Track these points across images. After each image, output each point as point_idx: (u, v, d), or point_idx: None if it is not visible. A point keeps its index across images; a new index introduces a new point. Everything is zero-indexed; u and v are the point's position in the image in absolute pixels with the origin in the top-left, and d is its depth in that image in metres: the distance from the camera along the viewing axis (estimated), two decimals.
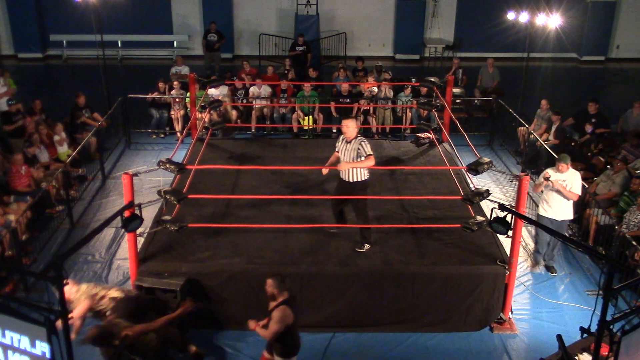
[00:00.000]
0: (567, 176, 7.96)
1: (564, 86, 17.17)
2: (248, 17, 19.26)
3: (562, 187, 7.91)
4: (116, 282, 8.21)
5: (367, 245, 7.54)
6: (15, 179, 9.60)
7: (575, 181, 7.94)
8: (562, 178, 7.95)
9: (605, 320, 4.59)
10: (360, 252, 7.48)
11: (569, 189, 7.93)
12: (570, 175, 7.96)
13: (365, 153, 7.14)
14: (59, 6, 17.99)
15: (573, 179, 7.94)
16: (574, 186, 7.93)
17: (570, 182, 7.92)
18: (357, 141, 7.22)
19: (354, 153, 7.21)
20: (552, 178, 7.95)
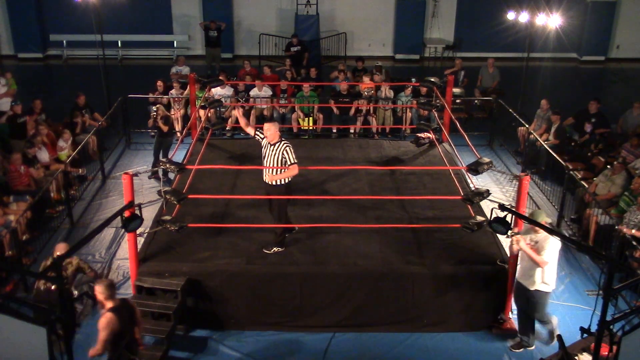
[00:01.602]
0: (539, 237, 6.71)
1: (564, 86, 17.17)
2: (248, 17, 19.26)
3: (527, 249, 6.66)
4: (116, 282, 8.20)
5: (276, 248, 7.47)
6: (15, 179, 9.60)
7: (546, 244, 6.62)
8: (534, 239, 6.74)
9: (605, 320, 4.60)
10: (267, 252, 7.41)
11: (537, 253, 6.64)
12: (543, 237, 6.68)
13: (290, 161, 7.14)
14: (59, 6, 18.00)
15: (545, 243, 6.65)
16: (542, 251, 6.62)
17: (541, 246, 6.66)
18: (282, 147, 7.17)
19: (278, 158, 7.18)
20: (523, 236, 6.80)
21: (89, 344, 7.04)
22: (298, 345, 7.17)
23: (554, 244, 6.61)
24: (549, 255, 6.60)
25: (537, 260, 6.56)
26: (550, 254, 6.62)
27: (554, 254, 6.66)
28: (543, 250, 6.58)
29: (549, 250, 6.59)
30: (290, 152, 7.17)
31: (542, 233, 6.57)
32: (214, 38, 16.88)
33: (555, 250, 6.66)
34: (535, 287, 6.74)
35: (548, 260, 6.59)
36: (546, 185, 10.92)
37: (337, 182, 9.26)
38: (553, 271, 6.74)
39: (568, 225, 9.69)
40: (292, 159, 7.17)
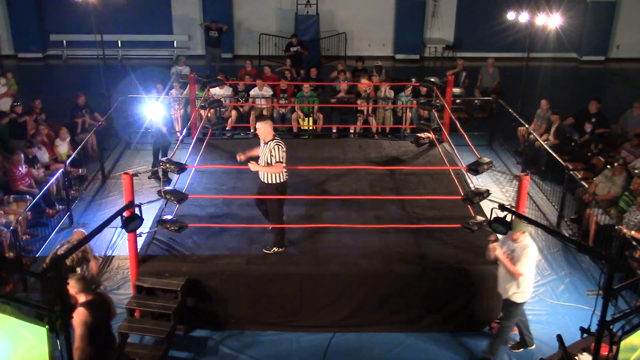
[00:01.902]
0: (517, 247, 6.54)
1: (564, 86, 17.17)
2: (248, 17, 19.26)
3: (503, 258, 6.55)
4: (116, 282, 8.21)
5: (276, 248, 7.48)
6: (16, 179, 9.60)
7: (523, 255, 6.45)
8: (512, 247, 6.57)
9: (605, 320, 4.59)
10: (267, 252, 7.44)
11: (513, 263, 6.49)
12: (520, 247, 6.50)
13: (275, 159, 7.12)
14: (59, 6, 17.99)
15: (522, 253, 6.47)
16: (518, 261, 6.45)
17: (517, 255, 6.49)
18: (273, 144, 7.17)
19: (268, 155, 7.18)
20: (501, 245, 6.67)
21: None
22: (298, 345, 7.17)
23: (531, 255, 6.46)
24: (524, 265, 6.44)
25: (511, 270, 6.45)
26: (526, 265, 6.45)
27: (530, 265, 6.50)
28: (519, 261, 6.44)
29: (525, 261, 6.43)
30: (277, 150, 7.13)
31: (520, 242, 6.46)
32: (214, 39, 16.90)
33: (532, 261, 6.50)
34: (507, 296, 6.62)
35: (523, 272, 6.44)
36: (546, 185, 10.91)
37: (337, 182, 9.26)
38: (529, 282, 6.58)
39: (568, 225, 9.69)
40: (277, 156, 7.14)
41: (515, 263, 6.45)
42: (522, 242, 6.48)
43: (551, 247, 9.15)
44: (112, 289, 8.09)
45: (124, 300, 7.55)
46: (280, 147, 7.15)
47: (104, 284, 8.13)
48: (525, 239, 6.49)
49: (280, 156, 7.14)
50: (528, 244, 6.48)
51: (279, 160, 7.13)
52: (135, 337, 6.98)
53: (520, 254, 6.45)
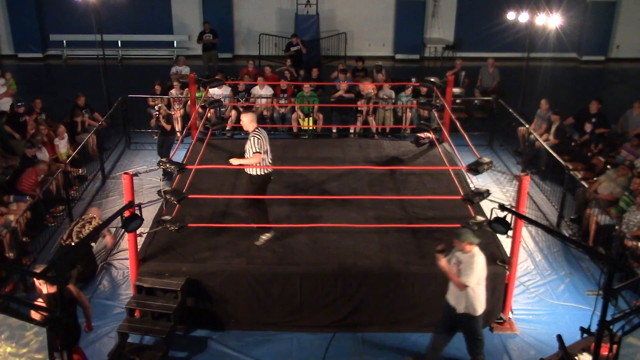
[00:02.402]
0: (465, 258, 6.23)
1: (564, 86, 17.17)
2: (248, 17, 19.27)
3: (447, 269, 6.25)
4: (116, 282, 8.22)
5: (264, 236, 7.60)
6: (29, 183, 9.56)
7: (468, 266, 6.12)
8: (460, 258, 6.26)
9: (605, 320, 4.59)
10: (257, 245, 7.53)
11: (459, 275, 6.16)
12: (468, 258, 6.18)
13: (253, 150, 7.26)
14: (59, 6, 18.02)
15: (467, 264, 6.15)
16: (464, 272, 6.13)
17: (464, 267, 6.16)
18: (251, 135, 7.35)
19: (247, 147, 7.37)
20: (452, 256, 6.35)
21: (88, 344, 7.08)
22: (298, 345, 7.17)
23: (477, 266, 6.13)
24: (469, 277, 6.11)
25: (455, 282, 6.17)
26: (472, 277, 6.12)
27: (478, 276, 6.16)
28: (465, 273, 6.12)
29: (470, 272, 6.11)
30: (255, 142, 7.26)
31: (468, 253, 6.17)
32: (208, 42, 16.87)
33: (479, 272, 6.16)
34: (462, 310, 6.29)
35: (468, 284, 6.12)
36: (546, 185, 10.92)
37: (337, 182, 9.26)
38: (479, 293, 6.26)
39: (568, 225, 9.69)
40: (254, 148, 7.27)
41: (461, 275, 6.15)
42: (470, 252, 6.17)
43: (551, 247, 9.15)
44: (112, 289, 8.10)
45: (124, 300, 7.56)
46: (256, 138, 7.28)
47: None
48: (472, 250, 6.18)
49: (257, 147, 7.26)
50: (475, 254, 6.18)
51: (256, 151, 7.27)
52: (135, 337, 6.99)
53: (467, 264, 6.15)
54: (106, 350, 6.88)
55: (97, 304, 7.76)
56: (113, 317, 7.47)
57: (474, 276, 6.13)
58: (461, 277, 6.15)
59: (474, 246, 6.20)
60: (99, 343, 7.10)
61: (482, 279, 6.26)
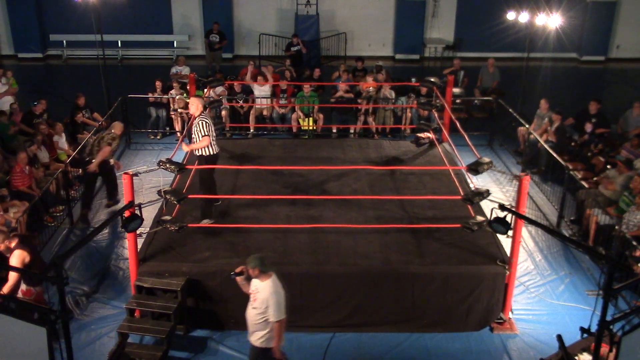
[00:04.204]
0: (261, 287, 5.75)
1: (564, 86, 17.16)
2: (248, 17, 19.27)
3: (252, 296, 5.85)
4: (116, 282, 8.22)
5: (206, 220, 7.82)
6: (18, 178, 9.57)
7: (271, 300, 5.65)
8: (256, 285, 5.81)
9: (605, 320, 4.60)
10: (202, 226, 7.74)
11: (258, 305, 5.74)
12: (262, 289, 5.71)
13: (202, 133, 7.68)
14: (59, 6, 18.02)
15: (265, 299, 5.67)
16: (267, 309, 5.69)
17: (262, 298, 5.71)
18: (198, 119, 7.71)
19: (195, 130, 7.74)
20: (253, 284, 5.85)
21: (88, 344, 7.09)
22: (298, 345, 7.17)
23: (277, 297, 5.69)
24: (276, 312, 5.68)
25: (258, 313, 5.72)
26: (278, 310, 5.65)
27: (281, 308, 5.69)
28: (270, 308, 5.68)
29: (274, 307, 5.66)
30: (203, 125, 7.66)
31: (264, 282, 5.73)
32: (215, 42, 16.88)
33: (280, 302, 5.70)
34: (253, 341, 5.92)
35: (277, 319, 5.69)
36: (546, 185, 10.92)
37: (337, 182, 9.26)
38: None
39: (568, 225, 9.69)
40: (203, 131, 7.66)
41: (260, 305, 5.72)
42: (264, 282, 5.73)
43: (551, 247, 9.15)
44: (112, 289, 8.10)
45: (124, 300, 7.56)
46: (204, 122, 7.70)
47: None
48: (267, 279, 5.73)
49: (205, 130, 7.68)
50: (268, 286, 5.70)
51: (205, 134, 7.67)
52: (135, 337, 6.99)
53: (265, 298, 5.68)
54: (106, 350, 6.88)
55: (97, 304, 7.77)
56: (113, 317, 7.47)
57: (276, 310, 5.67)
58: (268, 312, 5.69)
59: (267, 275, 5.73)
60: (99, 343, 7.10)
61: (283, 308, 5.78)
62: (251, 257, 5.80)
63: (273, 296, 5.69)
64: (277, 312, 5.70)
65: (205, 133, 7.67)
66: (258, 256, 5.84)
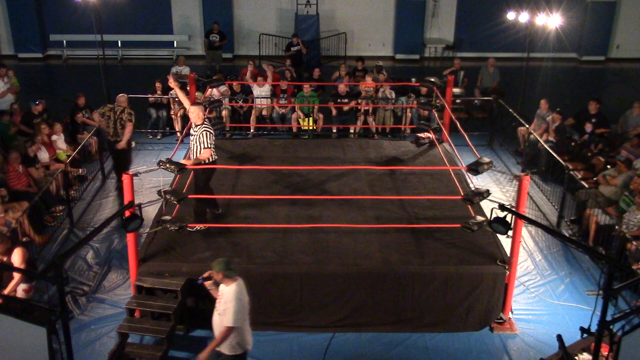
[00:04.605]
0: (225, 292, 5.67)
1: (564, 86, 17.17)
2: (248, 17, 19.27)
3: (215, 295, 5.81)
4: (116, 282, 8.22)
5: (198, 226, 7.77)
6: (13, 178, 9.57)
7: (229, 304, 5.56)
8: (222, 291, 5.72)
9: (605, 320, 4.60)
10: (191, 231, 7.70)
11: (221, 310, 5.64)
12: (227, 294, 5.62)
13: (204, 145, 7.56)
14: (59, 6, 18.02)
15: (226, 301, 5.59)
16: (226, 311, 5.57)
17: (224, 303, 5.63)
18: (201, 129, 7.58)
19: (198, 140, 7.60)
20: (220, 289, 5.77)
21: (88, 344, 7.09)
22: (298, 345, 7.17)
23: (238, 303, 5.57)
24: (231, 317, 5.53)
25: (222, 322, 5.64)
26: (234, 316, 5.53)
27: (239, 315, 5.58)
28: (226, 312, 5.56)
29: (231, 312, 5.54)
30: (206, 136, 7.53)
31: (228, 287, 5.63)
32: (215, 42, 16.88)
33: (240, 310, 5.59)
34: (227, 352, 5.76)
35: (230, 324, 5.54)
36: (546, 185, 10.92)
37: (337, 182, 9.26)
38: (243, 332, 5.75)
39: (568, 225, 9.69)
40: (205, 143, 7.54)
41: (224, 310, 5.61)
42: (229, 287, 5.64)
43: (551, 247, 9.15)
44: (112, 289, 8.10)
45: (124, 300, 7.56)
46: (208, 133, 7.55)
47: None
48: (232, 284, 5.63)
49: (209, 143, 7.55)
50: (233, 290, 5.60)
51: (207, 146, 7.56)
52: (135, 337, 6.99)
53: (227, 302, 5.60)
54: (106, 350, 6.88)
55: (97, 304, 7.77)
56: (113, 317, 7.47)
57: (234, 316, 5.54)
58: (224, 316, 5.60)
59: (232, 280, 5.64)
60: (99, 343, 7.10)
61: (244, 315, 5.68)
62: (216, 261, 5.70)
63: (234, 302, 5.55)
64: (232, 318, 5.54)
65: (207, 146, 7.52)
66: (223, 260, 5.73)
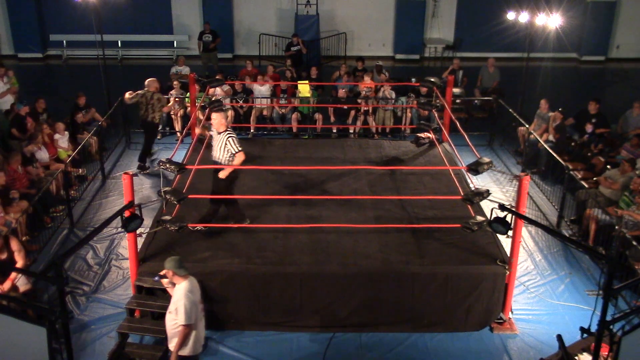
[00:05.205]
0: (176, 289, 5.72)
1: (564, 86, 17.17)
2: (248, 17, 19.27)
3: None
4: (116, 282, 8.22)
5: (240, 225, 7.81)
6: (13, 180, 9.55)
7: (179, 302, 5.58)
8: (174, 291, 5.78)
9: (605, 320, 4.60)
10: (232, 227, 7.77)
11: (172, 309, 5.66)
12: (176, 291, 5.67)
13: (234, 150, 7.55)
14: (59, 6, 18.02)
15: (177, 300, 5.62)
16: (177, 310, 5.60)
17: (176, 302, 5.65)
18: (225, 136, 7.55)
19: (223, 148, 7.61)
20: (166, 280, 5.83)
21: (88, 344, 7.08)
22: (298, 345, 7.17)
23: (187, 301, 5.56)
24: (183, 316, 5.53)
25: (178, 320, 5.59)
26: (186, 315, 5.51)
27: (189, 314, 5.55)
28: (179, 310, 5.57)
29: (182, 310, 5.55)
30: (233, 141, 7.51)
31: (179, 286, 5.65)
32: (208, 42, 16.85)
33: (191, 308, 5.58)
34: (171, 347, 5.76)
35: (183, 322, 5.54)
36: (546, 185, 10.92)
37: (337, 182, 9.26)
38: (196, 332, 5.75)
39: (568, 225, 9.69)
40: (235, 147, 7.51)
41: (175, 310, 5.64)
42: (179, 285, 5.65)
43: (551, 247, 9.16)
44: (112, 289, 8.11)
45: (124, 300, 7.57)
46: (233, 138, 7.55)
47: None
48: (182, 282, 5.65)
49: (238, 146, 7.57)
50: (181, 288, 5.62)
51: (237, 150, 7.55)
52: (135, 337, 6.99)
53: (177, 300, 5.60)
54: (106, 350, 6.88)
55: (97, 304, 7.77)
56: (113, 317, 7.47)
57: (185, 314, 5.54)
58: (177, 315, 5.62)
59: (182, 278, 5.66)
60: (99, 343, 7.10)
61: (196, 315, 5.67)
62: (168, 259, 5.77)
63: (183, 300, 5.56)
64: (184, 316, 5.55)
65: (239, 149, 7.52)
66: (173, 258, 5.77)
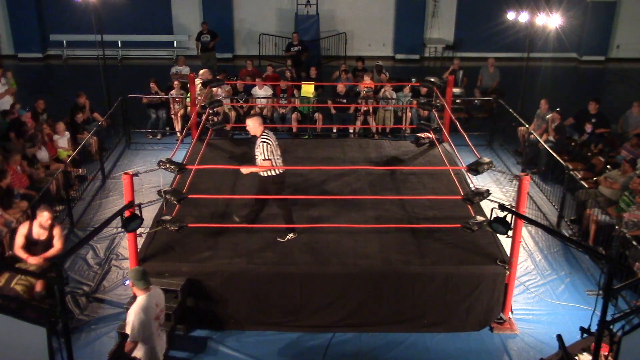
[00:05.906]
0: (134, 302, 5.56)
1: (564, 86, 17.18)
2: (248, 17, 19.28)
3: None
4: (116, 282, 8.22)
5: (289, 235, 7.71)
6: (14, 180, 9.56)
7: (129, 317, 5.36)
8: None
9: (605, 320, 4.60)
10: (281, 241, 7.64)
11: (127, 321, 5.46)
12: (133, 305, 5.49)
13: (262, 157, 7.41)
14: (59, 6, 18.03)
15: (129, 312, 5.43)
16: (127, 325, 5.39)
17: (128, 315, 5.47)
18: (260, 141, 7.46)
19: (257, 152, 7.51)
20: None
21: (88, 344, 7.09)
22: (298, 345, 7.17)
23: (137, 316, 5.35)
24: (129, 327, 5.34)
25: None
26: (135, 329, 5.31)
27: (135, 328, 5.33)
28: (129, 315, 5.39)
29: (128, 321, 5.35)
30: (265, 148, 7.39)
31: (137, 299, 5.50)
32: (206, 42, 16.83)
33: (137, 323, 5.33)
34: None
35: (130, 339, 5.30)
36: (546, 185, 10.92)
37: (337, 182, 9.26)
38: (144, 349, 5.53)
39: (568, 225, 9.70)
40: (264, 155, 7.40)
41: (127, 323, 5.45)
42: (138, 297, 5.49)
43: (551, 247, 9.16)
44: (112, 289, 8.11)
45: (124, 300, 7.57)
46: (265, 144, 7.40)
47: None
48: (140, 295, 5.48)
49: (267, 154, 7.37)
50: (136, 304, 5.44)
51: (265, 158, 7.39)
52: None
53: (129, 315, 5.42)
54: (106, 350, 6.87)
55: (97, 304, 7.77)
56: (113, 317, 7.47)
57: (132, 332, 5.32)
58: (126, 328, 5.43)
59: (141, 291, 5.48)
60: (99, 343, 7.10)
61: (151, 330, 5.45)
62: (132, 269, 5.73)
63: (132, 316, 5.36)
64: (130, 333, 5.33)
65: (267, 157, 7.36)
66: (135, 268, 5.64)
